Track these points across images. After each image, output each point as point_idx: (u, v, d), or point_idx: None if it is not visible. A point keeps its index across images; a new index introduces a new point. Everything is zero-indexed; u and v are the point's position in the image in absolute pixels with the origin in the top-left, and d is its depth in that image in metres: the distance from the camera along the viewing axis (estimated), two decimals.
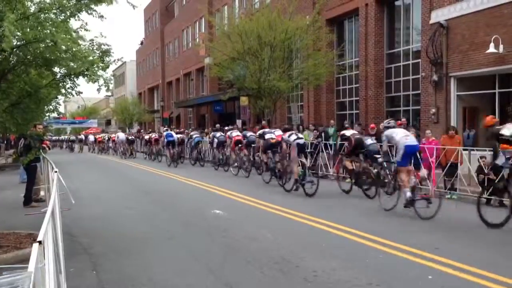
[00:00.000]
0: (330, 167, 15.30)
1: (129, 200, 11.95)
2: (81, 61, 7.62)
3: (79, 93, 9.71)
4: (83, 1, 7.21)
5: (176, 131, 27.67)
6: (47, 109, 11.97)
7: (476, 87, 15.72)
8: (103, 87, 8.69)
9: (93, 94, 58.53)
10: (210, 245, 6.97)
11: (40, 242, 2.49)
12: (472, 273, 5.39)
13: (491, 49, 13.87)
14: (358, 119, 20.54)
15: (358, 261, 6.03)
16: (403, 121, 15.36)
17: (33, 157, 9.38)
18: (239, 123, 27.23)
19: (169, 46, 50.29)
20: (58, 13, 7.39)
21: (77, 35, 7.93)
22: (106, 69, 8.41)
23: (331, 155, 15.32)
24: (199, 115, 41.74)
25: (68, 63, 7.93)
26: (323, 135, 16.82)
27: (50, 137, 54.72)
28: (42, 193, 11.90)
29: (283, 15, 20.85)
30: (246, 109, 26.37)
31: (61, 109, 28.98)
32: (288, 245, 6.90)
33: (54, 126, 63.55)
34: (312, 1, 23.19)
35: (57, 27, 7.04)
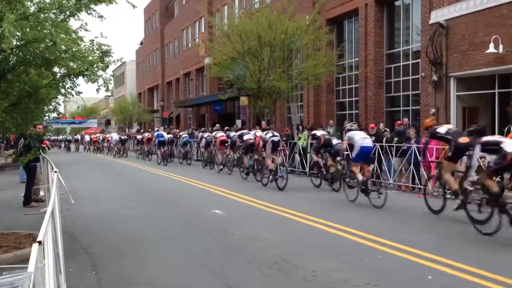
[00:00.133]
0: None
1: (128, 200, 11.99)
2: (80, 61, 7.64)
3: (78, 93, 9.74)
4: (82, 1, 7.22)
5: (167, 131, 29.81)
6: (47, 109, 12.00)
7: (475, 87, 15.71)
8: (103, 87, 8.72)
9: (93, 94, 58.73)
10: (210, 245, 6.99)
11: (40, 242, 2.49)
12: (472, 273, 5.40)
13: (490, 49, 13.86)
14: (357, 119, 20.54)
15: (357, 261, 6.03)
16: (405, 121, 15.34)
17: (33, 157, 9.38)
18: (238, 123, 27.22)
19: (169, 46, 50.26)
20: (57, 13, 7.40)
21: (76, 35, 7.95)
22: (106, 69, 8.43)
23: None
24: (199, 115, 41.71)
25: (67, 63, 7.95)
26: None
27: (49, 137, 54.88)
28: (42, 193, 11.89)
29: (283, 15, 20.84)
30: (246, 109, 26.37)
31: (61, 109, 29.06)
32: (287, 245, 6.91)
33: (54, 126, 63.61)
34: (312, 1, 23.17)
35: (57, 27, 7.06)
